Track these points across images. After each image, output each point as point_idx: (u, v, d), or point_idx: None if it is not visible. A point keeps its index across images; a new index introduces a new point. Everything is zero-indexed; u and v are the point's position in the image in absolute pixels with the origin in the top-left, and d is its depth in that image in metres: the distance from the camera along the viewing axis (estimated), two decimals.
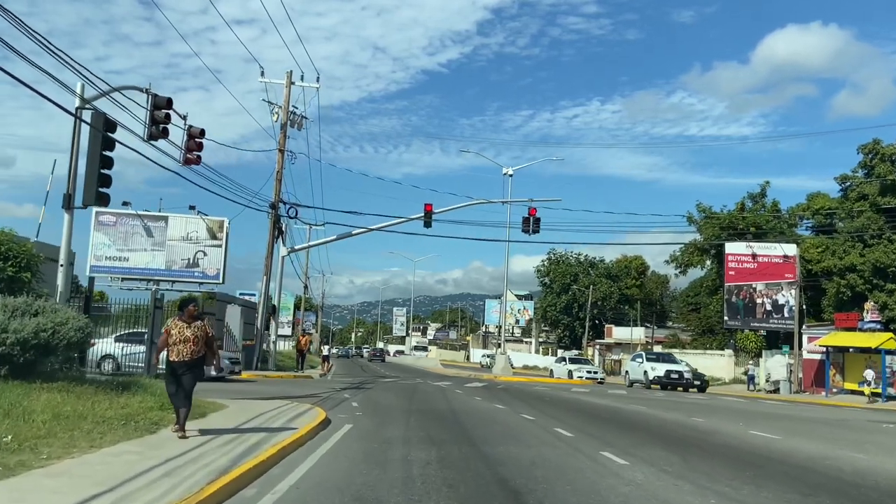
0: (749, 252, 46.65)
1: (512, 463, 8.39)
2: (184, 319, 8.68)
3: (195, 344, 8.54)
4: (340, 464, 7.92)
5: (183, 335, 8.51)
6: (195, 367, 8.62)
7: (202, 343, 8.63)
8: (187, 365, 8.51)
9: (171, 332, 8.58)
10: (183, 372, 8.49)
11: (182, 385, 8.50)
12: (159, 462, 6.75)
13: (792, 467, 9.12)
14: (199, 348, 8.61)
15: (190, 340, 8.51)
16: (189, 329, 8.56)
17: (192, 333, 8.52)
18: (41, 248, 15.22)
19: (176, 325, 8.65)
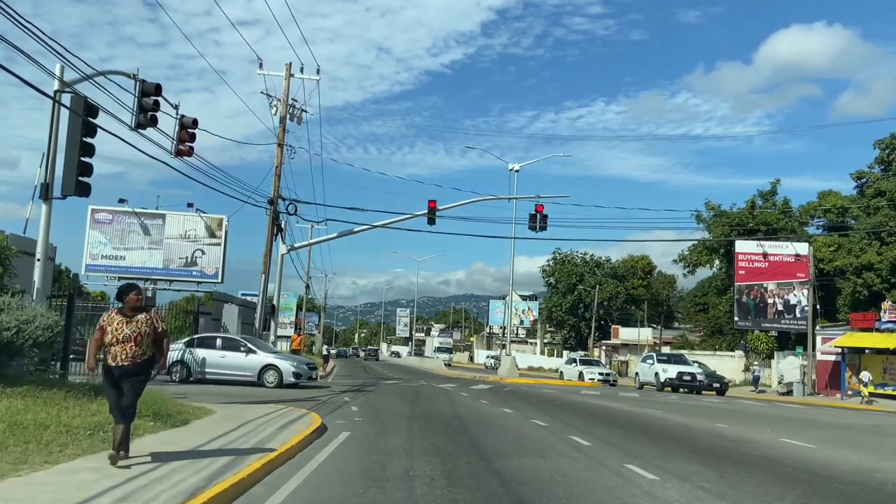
0: (760, 251, 45.59)
1: (528, 480, 7.40)
2: (123, 312, 6.76)
3: (138, 344, 6.66)
4: (333, 481, 6.94)
5: (121, 333, 6.63)
6: (139, 373, 6.69)
7: (148, 342, 6.75)
8: (128, 371, 6.61)
9: (105, 329, 6.67)
10: (123, 380, 6.63)
11: (121, 396, 6.61)
12: (119, 482, 5.78)
13: (843, 483, 8.11)
14: (145, 349, 6.72)
15: (131, 339, 6.63)
16: (130, 324, 6.67)
17: (135, 330, 6.65)
18: (25, 244, 14.30)
19: (112, 319, 6.72)
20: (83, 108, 12.79)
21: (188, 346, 20.57)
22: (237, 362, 20.18)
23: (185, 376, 19.87)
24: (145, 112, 14.13)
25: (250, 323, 29.83)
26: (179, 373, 19.89)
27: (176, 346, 20.97)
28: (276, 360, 20.61)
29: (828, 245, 46.42)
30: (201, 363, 20.11)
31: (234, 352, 20.38)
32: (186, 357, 20.14)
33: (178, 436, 8.60)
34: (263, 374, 20.00)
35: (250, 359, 20.21)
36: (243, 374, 20.06)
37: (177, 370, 19.86)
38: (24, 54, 10.84)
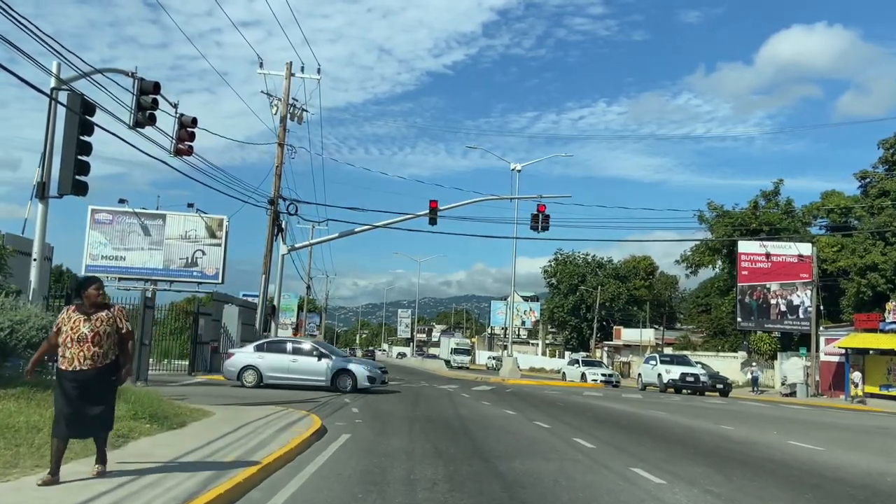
0: (763, 251, 45.38)
1: (532, 483, 7.22)
2: (82, 309, 5.93)
3: (97, 344, 5.80)
4: (332, 485, 6.77)
5: (77, 332, 5.78)
6: (99, 380, 5.81)
7: (110, 343, 5.90)
8: (89, 377, 5.74)
9: (60, 327, 5.86)
10: (81, 387, 5.72)
11: (82, 407, 5.74)
12: (111, 487, 5.62)
13: (854, 487, 7.93)
14: (106, 350, 5.86)
15: (88, 339, 5.78)
16: (88, 323, 5.83)
17: (93, 329, 5.81)
18: (22, 244, 14.16)
19: (69, 317, 5.89)
20: (80, 106, 12.64)
21: (258, 351, 20.39)
22: (310, 367, 19.91)
23: (257, 381, 19.66)
24: (144, 111, 13.98)
25: (251, 324, 29.68)
26: (251, 378, 19.71)
27: (246, 350, 20.95)
28: (349, 365, 20.38)
29: (831, 245, 46.17)
30: (272, 368, 19.86)
31: (307, 356, 20.13)
32: (257, 362, 19.94)
33: (175, 438, 8.43)
34: (337, 379, 19.75)
35: (323, 363, 19.97)
36: (316, 379, 19.80)
37: (248, 375, 19.71)
38: (20, 51, 10.73)
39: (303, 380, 19.82)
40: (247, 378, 19.77)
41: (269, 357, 20.03)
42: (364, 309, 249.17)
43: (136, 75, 13.94)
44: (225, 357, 22.13)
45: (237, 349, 22.40)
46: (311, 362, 19.98)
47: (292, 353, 20.24)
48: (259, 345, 21.05)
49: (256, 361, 19.96)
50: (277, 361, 19.97)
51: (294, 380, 19.86)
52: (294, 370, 19.93)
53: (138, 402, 9.55)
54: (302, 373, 19.89)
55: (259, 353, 20.20)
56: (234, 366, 20.14)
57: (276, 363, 19.94)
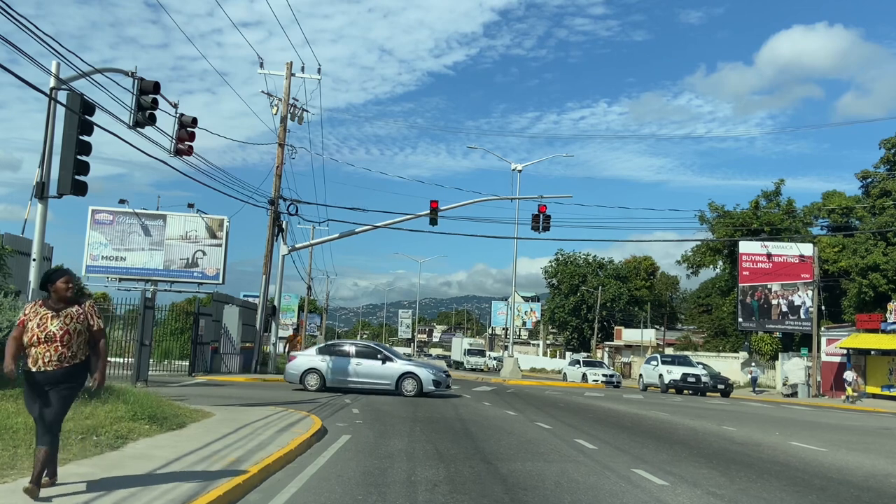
0: (764, 251, 45.34)
1: (533, 485, 7.16)
2: (50, 304, 5.40)
3: (66, 344, 5.30)
4: (333, 487, 6.71)
5: (45, 330, 5.27)
6: (68, 380, 5.32)
7: (80, 342, 5.40)
8: (56, 377, 5.25)
9: (26, 324, 5.33)
10: (48, 389, 5.24)
11: (43, 410, 5.24)
12: (110, 487, 5.56)
13: (858, 489, 7.86)
14: (75, 350, 5.36)
15: (56, 339, 5.27)
16: (57, 320, 5.31)
17: (62, 327, 5.30)
18: (21, 244, 14.12)
19: (35, 312, 5.35)
20: (80, 106, 12.59)
21: (321, 354, 20.22)
22: (374, 370, 19.73)
23: (320, 385, 19.51)
24: (144, 110, 13.94)
25: (251, 324, 29.64)
26: (314, 381, 19.56)
27: (309, 353, 20.74)
28: (414, 368, 20.16)
29: (832, 246, 46.12)
30: (335, 371, 19.70)
31: (371, 359, 19.95)
32: (320, 365, 19.77)
33: (174, 439, 8.37)
34: (402, 383, 19.58)
35: (388, 367, 19.79)
36: (380, 383, 19.65)
37: (311, 379, 19.56)
38: (21, 52, 10.69)
39: (367, 383, 19.63)
40: (309, 382, 19.55)
41: (331, 360, 19.82)
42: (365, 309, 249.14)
43: (135, 75, 13.90)
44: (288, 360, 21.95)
45: (299, 352, 22.23)
46: (376, 366, 19.79)
47: (356, 357, 20.01)
48: (321, 347, 20.90)
49: (319, 365, 19.71)
50: (341, 365, 19.74)
51: (358, 383, 19.66)
52: (358, 374, 19.72)
53: (138, 403, 9.51)
54: (366, 376, 19.70)
55: (322, 356, 19.97)
56: (296, 369, 19.91)
57: (340, 366, 19.72)
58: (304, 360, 20.15)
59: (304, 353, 20.92)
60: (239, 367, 27.91)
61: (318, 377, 19.61)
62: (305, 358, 20.26)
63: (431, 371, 20.41)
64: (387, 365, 19.80)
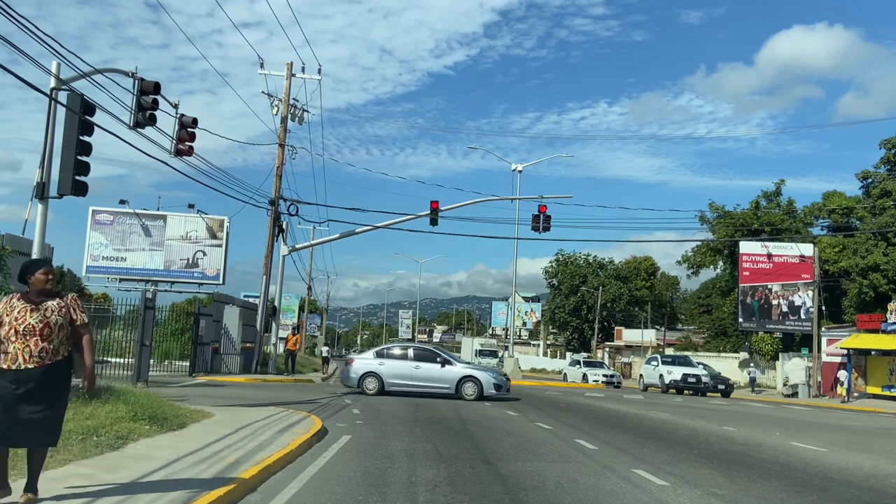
0: (764, 252, 45.37)
1: (534, 486, 7.16)
2: (28, 297, 5.02)
3: (46, 339, 4.90)
4: (333, 488, 6.70)
5: (23, 323, 4.90)
6: (52, 380, 4.91)
7: (62, 337, 5.00)
8: (34, 376, 4.84)
9: (2, 318, 4.94)
10: (24, 388, 4.81)
11: (20, 411, 4.79)
12: (110, 487, 5.56)
13: (859, 489, 7.86)
14: (56, 346, 4.96)
15: (35, 332, 4.89)
16: (37, 312, 4.94)
17: (42, 320, 4.91)
18: (22, 244, 14.12)
19: (12, 307, 4.97)
20: (80, 106, 12.59)
21: (379, 357, 20.14)
22: (433, 374, 19.60)
23: (379, 389, 19.40)
24: (144, 111, 13.94)
25: (252, 324, 29.65)
26: (372, 385, 19.44)
27: (367, 357, 20.68)
28: (475, 372, 20.03)
29: (833, 246, 46.13)
30: (394, 375, 19.58)
31: (429, 363, 19.79)
32: (378, 368, 19.66)
33: (174, 440, 8.37)
34: (462, 387, 19.41)
35: (447, 370, 19.64)
36: (439, 386, 19.53)
37: (370, 382, 19.45)
38: (21, 52, 10.70)
39: (426, 387, 19.54)
40: (368, 385, 19.43)
41: (390, 363, 19.72)
42: (365, 310, 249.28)
43: (136, 75, 13.90)
44: (345, 363, 21.77)
45: (357, 355, 21.96)
46: (435, 369, 19.65)
47: (415, 360, 19.86)
48: (379, 350, 20.79)
49: (378, 368, 19.61)
50: (399, 368, 19.61)
51: (417, 387, 19.55)
52: (417, 377, 19.60)
53: (138, 404, 9.50)
54: (425, 380, 19.59)
55: (380, 360, 19.89)
56: (354, 372, 19.82)
57: (399, 370, 19.58)
58: (362, 363, 20.10)
59: (363, 357, 20.90)
60: (239, 368, 27.90)
61: (377, 381, 19.46)
62: (363, 362, 20.20)
63: (492, 374, 20.28)
64: (446, 368, 19.68)
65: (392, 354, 20.29)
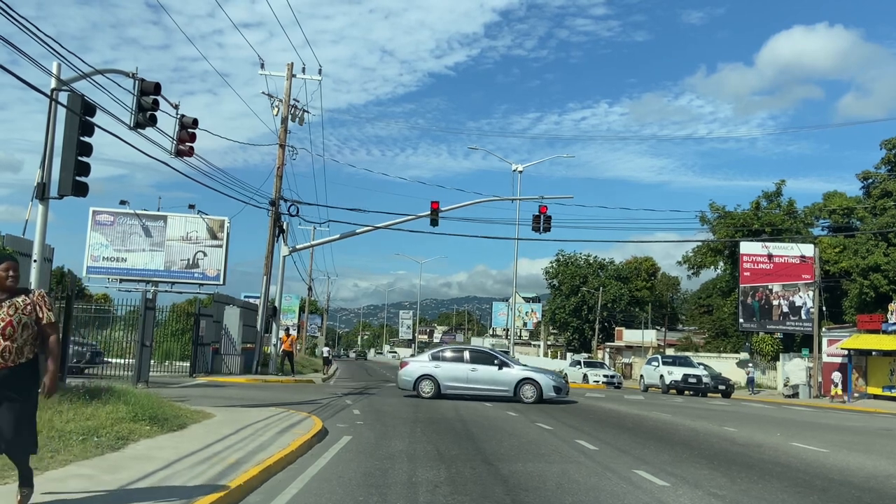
0: (765, 252, 45.36)
1: (535, 486, 7.16)
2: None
3: (9, 338, 4.60)
4: (333, 488, 6.70)
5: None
6: (11, 383, 4.60)
7: (27, 337, 4.69)
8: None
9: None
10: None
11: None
12: (111, 488, 5.56)
13: (860, 490, 7.85)
14: (21, 345, 4.65)
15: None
16: None
17: (5, 318, 4.63)
18: (22, 245, 14.09)
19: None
20: (80, 107, 12.59)
21: (435, 360, 19.90)
22: (490, 376, 19.38)
23: (435, 392, 19.25)
24: (144, 111, 13.94)
25: (252, 325, 29.64)
26: (428, 388, 19.29)
27: (422, 359, 20.53)
28: (533, 374, 19.86)
29: (833, 246, 46.11)
30: (450, 377, 19.39)
31: (486, 365, 19.57)
32: (434, 371, 19.44)
33: (174, 440, 8.37)
34: (520, 389, 19.23)
35: (505, 372, 19.45)
36: (497, 389, 19.33)
37: (425, 385, 19.29)
38: (21, 53, 10.70)
39: (483, 390, 19.30)
40: (424, 388, 19.25)
41: (446, 366, 19.49)
42: (365, 310, 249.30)
43: (136, 76, 13.91)
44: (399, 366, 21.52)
45: (412, 358, 21.73)
46: (492, 371, 19.43)
47: (471, 362, 19.62)
48: (435, 353, 20.52)
49: (433, 371, 19.39)
50: (456, 371, 19.37)
51: (473, 390, 19.32)
52: (473, 380, 19.36)
53: (138, 404, 9.51)
54: (482, 383, 19.35)
55: (436, 362, 19.64)
56: (409, 375, 19.61)
57: (455, 373, 19.34)
58: (418, 366, 19.91)
59: (418, 360, 20.69)
60: (240, 368, 27.90)
61: (433, 384, 19.25)
62: (419, 364, 20.02)
63: (551, 377, 20.12)
64: (504, 371, 19.48)
65: (448, 357, 19.98)
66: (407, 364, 20.43)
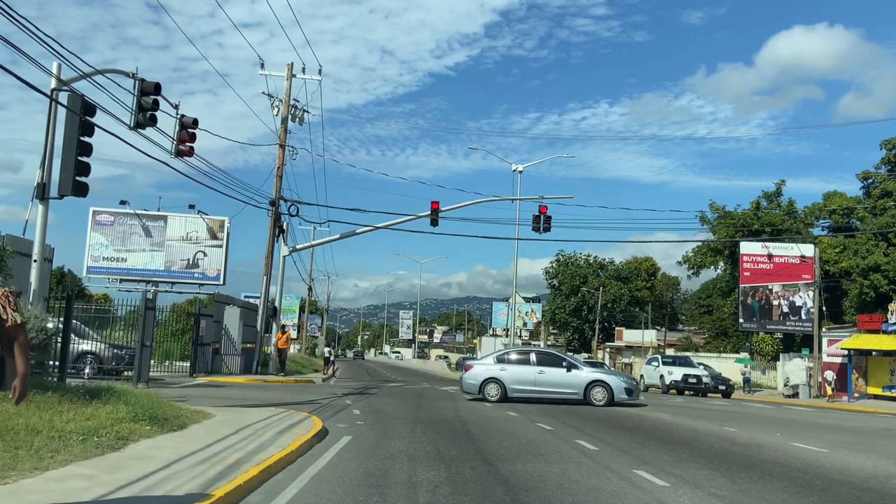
0: (765, 252, 45.37)
1: (535, 486, 7.16)
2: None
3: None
4: (333, 488, 6.71)
5: None
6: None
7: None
8: None
9: None
10: None
11: None
12: (110, 489, 5.56)
13: (860, 490, 7.85)
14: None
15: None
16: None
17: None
18: (22, 245, 14.10)
19: None
20: (80, 107, 12.61)
21: (500, 362, 19.54)
22: (558, 379, 19.03)
23: (501, 395, 18.89)
24: (144, 111, 13.96)
25: (252, 325, 29.65)
26: (494, 391, 18.92)
27: (487, 362, 20.06)
28: (604, 376, 19.67)
29: (833, 246, 46.12)
30: (517, 381, 19.04)
31: (554, 367, 19.26)
32: (500, 374, 19.09)
33: (175, 440, 8.37)
34: (590, 392, 18.96)
35: (574, 375, 19.16)
36: (566, 392, 19.04)
37: (491, 389, 18.94)
38: (22, 53, 10.71)
39: (551, 393, 18.95)
40: (489, 392, 18.89)
41: (512, 369, 19.12)
42: (366, 310, 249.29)
43: (136, 76, 13.92)
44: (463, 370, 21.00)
45: (475, 361, 21.20)
46: (560, 374, 19.09)
47: (538, 364, 19.25)
48: (500, 356, 20.12)
49: (499, 374, 19.04)
50: (522, 374, 19.01)
51: (541, 393, 18.99)
52: (541, 383, 18.99)
53: (139, 404, 9.51)
54: (551, 385, 19.00)
55: (501, 365, 19.27)
56: (474, 379, 19.23)
57: (521, 375, 18.99)
58: (483, 369, 19.45)
59: (482, 362, 20.22)
60: (240, 368, 27.91)
61: (499, 387, 18.88)
62: (484, 367, 19.56)
63: (623, 379, 19.92)
64: (573, 373, 19.19)
65: (514, 359, 19.56)
66: (471, 367, 19.94)
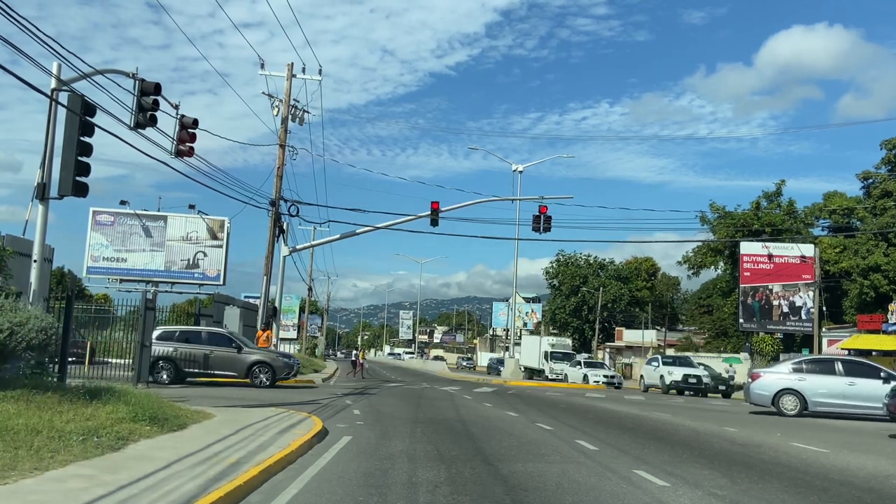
0: (765, 252, 45.39)
1: (535, 486, 7.16)
2: None
3: None
4: (334, 488, 6.70)
5: None
6: None
7: None
8: None
9: None
10: None
11: None
12: (110, 490, 5.56)
13: (860, 490, 7.85)
14: None
15: None
16: None
17: None
18: (22, 245, 14.09)
19: None
20: (80, 107, 12.60)
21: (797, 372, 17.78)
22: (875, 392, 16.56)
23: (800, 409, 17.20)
24: (144, 111, 13.94)
25: (252, 325, 29.65)
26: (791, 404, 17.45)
27: (780, 371, 18.23)
28: None
29: (833, 246, 46.12)
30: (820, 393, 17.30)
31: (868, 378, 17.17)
32: (798, 385, 17.36)
33: (175, 440, 8.37)
34: None
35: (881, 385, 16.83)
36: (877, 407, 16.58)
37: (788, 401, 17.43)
38: (22, 53, 10.70)
39: (867, 408, 17.06)
40: (786, 404, 17.35)
41: (813, 379, 17.39)
42: (365, 310, 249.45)
43: (136, 76, 13.91)
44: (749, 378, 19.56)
45: (765, 369, 19.63)
46: (877, 386, 16.86)
47: (846, 374, 17.28)
48: (797, 364, 18.39)
49: (797, 384, 17.43)
50: (828, 385, 17.16)
51: (853, 407, 17.20)
52: (852, 396, 17.07)
53: (139, 404, 9.50)
54: (866, 400, 16.99)
55: (799, 375, 17.60)
56: (765, 389, 17.69)
57: (827, 387, 17.17)
58: (775, 378, 17.85)
59: (774, 371, 18.63)
60: None
61: (797, 399, 17.19)
62: (776, 376, 17.96)
63: None
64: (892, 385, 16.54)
65: (815, 369, 17.89)
66: (759, 376, 18.38)
